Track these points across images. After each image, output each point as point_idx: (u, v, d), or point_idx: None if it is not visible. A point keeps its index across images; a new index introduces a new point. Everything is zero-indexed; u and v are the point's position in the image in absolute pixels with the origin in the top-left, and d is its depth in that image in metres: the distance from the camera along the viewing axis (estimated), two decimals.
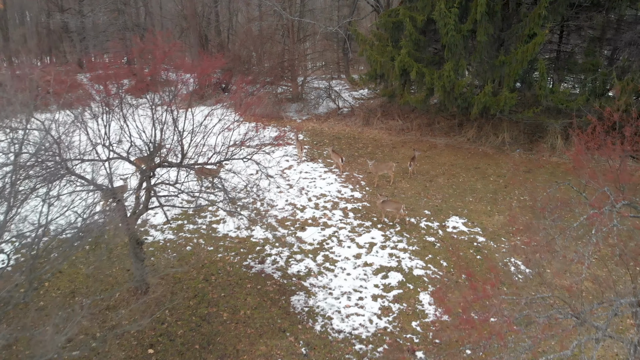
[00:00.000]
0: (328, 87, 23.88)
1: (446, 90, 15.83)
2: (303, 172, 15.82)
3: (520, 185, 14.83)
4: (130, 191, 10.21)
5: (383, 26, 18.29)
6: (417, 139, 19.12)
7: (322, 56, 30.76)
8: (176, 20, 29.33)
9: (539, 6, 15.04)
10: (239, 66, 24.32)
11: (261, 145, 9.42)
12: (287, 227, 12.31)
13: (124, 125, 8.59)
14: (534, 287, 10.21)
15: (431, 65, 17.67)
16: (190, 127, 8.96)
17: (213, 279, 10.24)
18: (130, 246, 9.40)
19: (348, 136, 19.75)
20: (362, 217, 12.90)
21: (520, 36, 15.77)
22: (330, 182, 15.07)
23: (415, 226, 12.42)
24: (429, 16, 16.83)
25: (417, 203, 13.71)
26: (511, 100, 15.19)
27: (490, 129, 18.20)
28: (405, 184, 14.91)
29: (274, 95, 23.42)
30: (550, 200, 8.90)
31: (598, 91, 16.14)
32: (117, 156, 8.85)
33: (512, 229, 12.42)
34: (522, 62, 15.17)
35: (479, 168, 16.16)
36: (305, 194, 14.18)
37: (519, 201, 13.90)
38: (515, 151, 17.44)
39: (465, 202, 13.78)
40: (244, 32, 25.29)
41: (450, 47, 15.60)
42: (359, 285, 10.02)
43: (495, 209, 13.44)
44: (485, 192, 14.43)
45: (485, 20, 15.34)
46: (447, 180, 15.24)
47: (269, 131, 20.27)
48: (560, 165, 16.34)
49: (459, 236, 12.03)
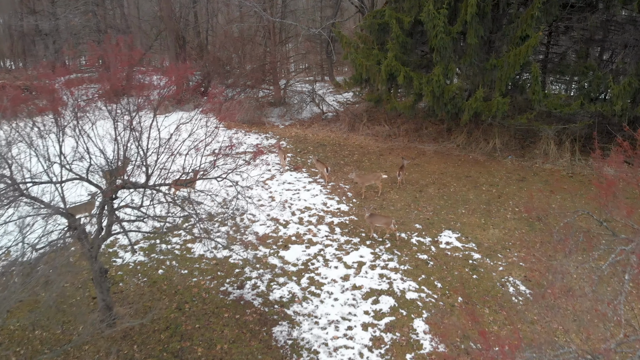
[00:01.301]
0: (312, 91, 23.00)
1: (435, 95, 15.08)
2: (286, 182, 14.92)
3: (514, 195, 14.13)
4: (86, 215, 9.25)
5: (368, 28, 17.49)
6: (405, 146, 18.35)
7: (305, 58, 29.87)
8: (153, 22, 28.19)
9: (531, 7, 14.35)
10: (218, 69, 23.32)
11: (236, 167, 8.43)
12: (268, 246, 11.40)
13: (81, 141, 7.59)
14: (535, 310, 9.48)
15: (419, 69, 16.91)
16: (157, 143, 7.97)
17: (187, 308, 9.29)
18: (93, 275, 8.43)
19: (333, 143, 18.90)
20: (349, 232, 12.05)
21: (512, 38, 15.08)
22: (315, 193, 14.19)
23: (406, 242, 11.61)
24: (417, 17, 16.06)
25: (408, 216, 12.91)
26: (503, 106, 14.49)
27: (481, 135, 17.50)
28: (394, 195, 14.10)
29: (255, 99, 22.46)
30: (567, 229, 7.96)
31: (593, 95, 15.52)
32: (75, 177, 7.88)
33: (509, 243, 11.70)
34: (515, 65, 14.48)
35: (471, 177, 15.42)
36: (288, 208, 13.28)
37: (514, 212, 13.18)
38: (507, 158, 16.76)
39: (458, 215, 13.02)
40: (223, 34, 24.28)
41: (439, 50, 14.84)
42: (347, 312, 9.16)
43: (490, 222, 12.69)
44: (478, 203, 13.69)
45: (475, 22, 14.61)
46: (437, 190, 14.47)
47: (249, 138, 19.39)
48: (555, 172, 15.68)
49: (453, 253, 11.25)
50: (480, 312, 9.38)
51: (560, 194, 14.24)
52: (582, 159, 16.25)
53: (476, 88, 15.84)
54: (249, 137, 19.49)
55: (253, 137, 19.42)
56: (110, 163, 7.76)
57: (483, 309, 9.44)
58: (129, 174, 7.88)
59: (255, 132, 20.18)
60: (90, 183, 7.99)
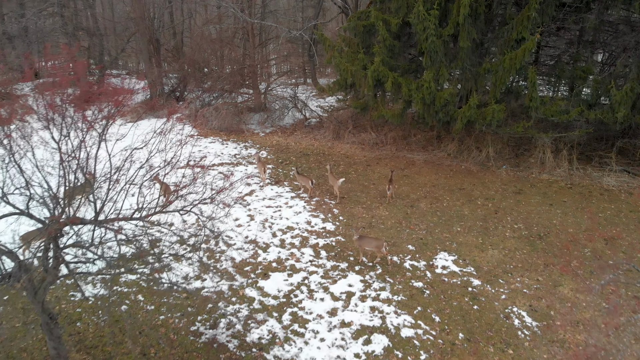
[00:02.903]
0: (294, 96, 21.83)
1: (426, 102, 14.06)
2: (266, 198, 13.76)
3: (512, 210, 13.17)
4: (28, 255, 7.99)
5: (352, 30, 16.42)
6: (393, 155, 17.31)
7: (286, 61, 28.71)
8: (125, 24, 26.78)
9: (527, 7, 13.42)
10: (194, 73, 22.04)
11: (201, 200, 7.26)
12: (246, 274, 10.23)
13: (12, 172, 6.35)
14: (544, 346, 8.48)
15: (408, 74, 15.89)
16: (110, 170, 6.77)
17: (152, 353, 8.10)
18: (42, 322, 7.19)
19: (317, 152, 17.78)
20: (336, 256, 10.95)
21: (507, 41, 14.14)
22: (298, 210, 13.06)
23: (399, 267, 10.54)
24: (405, 19, 15.05)
25: (399, 235, 11.85)
26: (499, 114, 13.54)
27: (473, 143, 16.55)
28: (384, 211, 13.04)
29: (233, 105, 21.22)
30: (615, 291, 6.85)
31: (591, 100, 14.66)
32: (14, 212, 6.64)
33: (510, 266, 10.71)
34: (510, 70, 13.54)
35: (464, 189, 14.44)
36: (269, 228, 12.12)
37: (513, 230, 12.21)
38: (501, 168, 15.82)
39: (453, 233, 12.00)
40: (198, 36, 22.98)
41: (430, 54, 13.82)
42: (336, 356, 8.05)
43: (488, 241, 11.70)
44: (474, 219, 12.70)
45: (468, 24, 13.63)
46: (430, 205, 13.45)
47: (226, 147, 18.16)
48: (553, 184, 14.78)
49: (450, 279, 10.21)
50: (484, 351, 8.35)
51: (560, 208, 13.33)
52: (580, 168, 15.38)
53: (468, 94, 14.88)
54: (226, 146, 18.27)
55: (231, 147, 18.21)
56: (53, 195, 6.53)
57: (487, 347, 8.42)
58: (76, 207, 6.66)
59: (234, 141, 18.97)
60: (32, 217, 6.75)
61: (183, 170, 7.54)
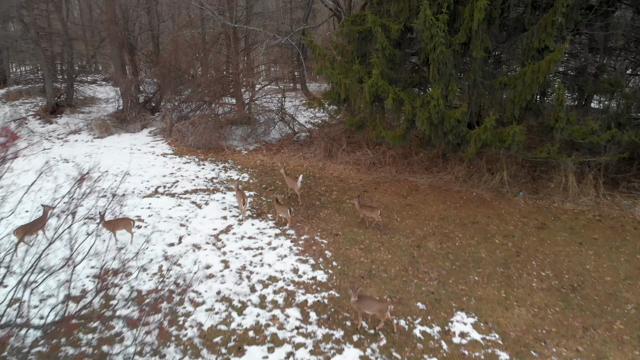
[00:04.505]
0: (280, 109, 19.66)
1: (433, 123, 12.00)
2: (245, 237, 11.61)
3: (536, 251, 11.13)
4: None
5: (346, 37, 14.31)
6: (393, 177, 15.22)
7: (274, 65, 26.54)
8: (96, 28, 24.51)
9: (552, 11, 11.41)
10: (169, 82, 19.82)
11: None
12: (215, 349, 8.09)
13: None
14: None
15: (410, 87, 13.84)
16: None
17: None
18: None
19: (307, 174, 15.65)
20: (329, 320, 8.82)
21: (526, 50, 12.13)
22: (283, 253, 10.93)
23: (407, 335, 8.45)
24: (407, 24, 12.99)
25: (406, 288, 9.76)
26: (519, 136, 11.51)
27: (484, 165, 14.53)
28: (385, 254, 10.94)
29: (213, 117, 19.01)
30: None
31: (621, 119, 12.68)
32: None
33: (542, 331, 8.66)
34: (532, 84, 11.52)
35: (478, 223, 12.39)
36: (246, 279, 9.98)
37: (540, 279, 10.16)
38: (517, 195, 13.78)
39: (470, 284, 9.94)
40: (172, 41, 20.76)
41: (438, 66, 11.76)
42: None
43: (512, 295, 9.64)
44: (494, 264, 10.65)
45: (482, 30, 11.60)
46: (440, 244, 11.38)
47: (203, 169, 16.01)
48: (579, 215, 12.77)
49: (472, 352, 8.13)
50: None
51: (591, 247, 11.32)
52: (607, 195, 13.40)
53: (480, 111, 12.86)
54: (203, 168, 16.10)
55: (208, 168, 16.03)
56: None
57: None
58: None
59: (212, 161, 16.80)
60: None
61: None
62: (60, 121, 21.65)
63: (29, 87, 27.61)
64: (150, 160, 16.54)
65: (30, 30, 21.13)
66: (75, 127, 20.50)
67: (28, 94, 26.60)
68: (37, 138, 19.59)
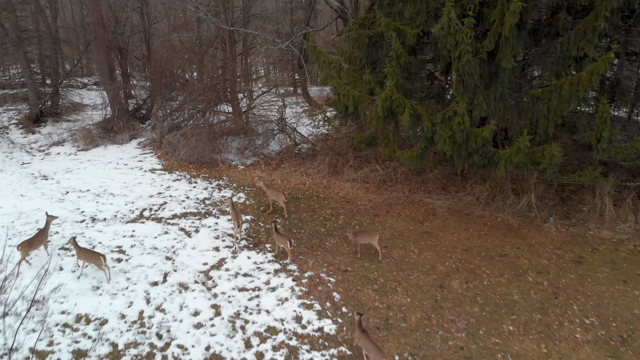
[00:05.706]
0: (280, 119, 18.10)
1: (456, 142, 10.48)
2: (240, 274, 10.07)
3: (576, 292, 9.61)
4: None
5: (355, 42, 12.78)
6: (406, 198, 13.68)
7: (273, 71, 25.00)
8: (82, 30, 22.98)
9: (592, 15, 9.90)
10: (160, 89, 18.29)
11: None
12: None
13: None
14: None
15: (428, 100, 12.33)
16: None
17: None
18: None
19: (310, 194, 14.12)
20: None
21: (561, 59, 10.63)
22: (283, 295, 9.39)
23: None
24: (424, 29, 11.47)
25: (430, 342, 8.24)
26: (557, 158, 9.98)
27: (509, 185, 13.01)
28: (404, 297, 9.40)
29: (207, 128, 17.43)
30: None
31: None
32: None
33: None
34: (570, 99, 10.01)
35: (506, 255, 10.87)
36: (240, 330, 8.45)
37: (585, 328, 8.64)
38: (548, 221, 12.26)
39: (505, 336, 8.42)
40: (162, 45, 19.22)
41: (463, 78, 10.24)
42: None
43: (554, 350, 8.12)
44: (529, 309, 9.12)
45: (512, 37, 10.09)
46: (465, 284, 9.85)
47: (195, 187, 14.46)
48: (619, 245, 11.24)
49: None
50: None
51: (638, 287, 9.80)
52: None
53: (507, 129, 11.36)
54: (195, 186, 14.53)
55: (200, 187, 14.46)
56: None
57: None
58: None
59: (205, 178, 15.25)
60: None
61: None
62: (44, 131, 20.09)
63: (15, 92, 26.08)
64: (137, 177, 14.98)
65: (10, 33, 19.57)
66: (58, 137, 18.94)
67: (13, 100, 25.05)
68: (17, 150, 18.06)
